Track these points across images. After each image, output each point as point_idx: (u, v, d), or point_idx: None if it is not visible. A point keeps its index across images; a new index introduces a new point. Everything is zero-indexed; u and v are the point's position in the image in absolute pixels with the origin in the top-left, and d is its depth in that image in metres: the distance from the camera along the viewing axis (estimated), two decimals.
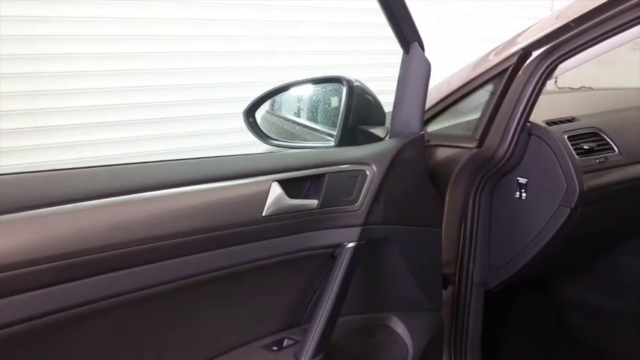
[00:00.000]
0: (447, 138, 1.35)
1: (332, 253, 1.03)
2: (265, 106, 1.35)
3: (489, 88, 1.29)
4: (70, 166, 0.80)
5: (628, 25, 1.07)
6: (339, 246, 1.02)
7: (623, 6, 1.06)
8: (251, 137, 1.31)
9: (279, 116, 1.40)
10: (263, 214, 0.92)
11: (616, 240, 1.74)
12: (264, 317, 1.04)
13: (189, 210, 0.85)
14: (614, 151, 1.36)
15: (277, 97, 1.37)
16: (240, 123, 1.31)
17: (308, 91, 1.38)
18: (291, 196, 0.95)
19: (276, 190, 0.93)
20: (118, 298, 0.79)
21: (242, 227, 0.90)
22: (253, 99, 1.33)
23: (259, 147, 1.33)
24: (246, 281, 0.96)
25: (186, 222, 0.84)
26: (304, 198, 0.99)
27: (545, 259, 1.40)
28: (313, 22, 3.54)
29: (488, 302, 1.45)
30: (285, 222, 0.95)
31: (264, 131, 1.32)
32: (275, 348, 1.02)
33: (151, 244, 0.80)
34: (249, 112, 1.32)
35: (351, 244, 1.02)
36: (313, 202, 0.98)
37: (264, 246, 0.93)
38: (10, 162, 2.72)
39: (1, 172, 0.76)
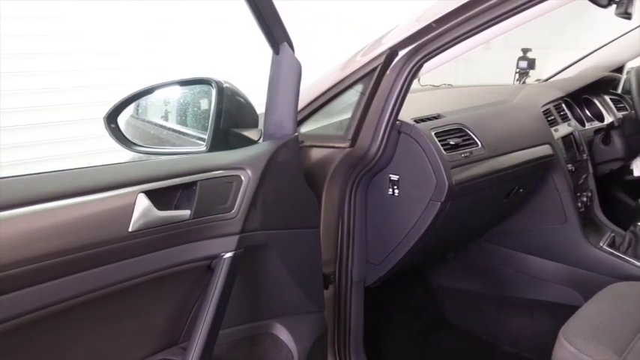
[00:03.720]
0: (320, 138, 1.36)
1: (209, 265, 0.99)
2: (129, 110, 1.26)
3: (359, 88, 1.31)
4: None
5: (483, 26, 1.14)
6: (216, 257, 0.98)
7: (478, 9, 1.12)
8: (113, 144, 1.22)
9: (144, 121, 1.32)
10: (130, 230, 0.85)
11: (483, 228, 1.86)
12: (139, 339, 0.98)
13: (44, 231, 0.76)
14: (478, 145, 1.44)
15: (142, 101, 1.29)
16: (101, 129, 1.21)
17: (175, 93, 1.31)
18: (160, 207, 0.89)
19: (142, 203, 0.87)
20: None
21: (107, 246, 0.82)
22: (115, 102, 1.24)
23: (123, 155, 1.23)
24: (115, 303, 0.89)
25: (40, 245, 0.75)
26: (175, 209, 0.93)
27: (420, 251, 1.45)
28: (171, 19, 3.38)
29: (368, 298, 1.47)
30: (155, 236, 0.89)
31: (129, 137, 1.23)
32: None
33: None
34: (111, 117, 1.22)
35: (228, 254, 0.98)
36: (185, 213, 0.93)
37: (133, 264, 0.86)
38: None
39: None
